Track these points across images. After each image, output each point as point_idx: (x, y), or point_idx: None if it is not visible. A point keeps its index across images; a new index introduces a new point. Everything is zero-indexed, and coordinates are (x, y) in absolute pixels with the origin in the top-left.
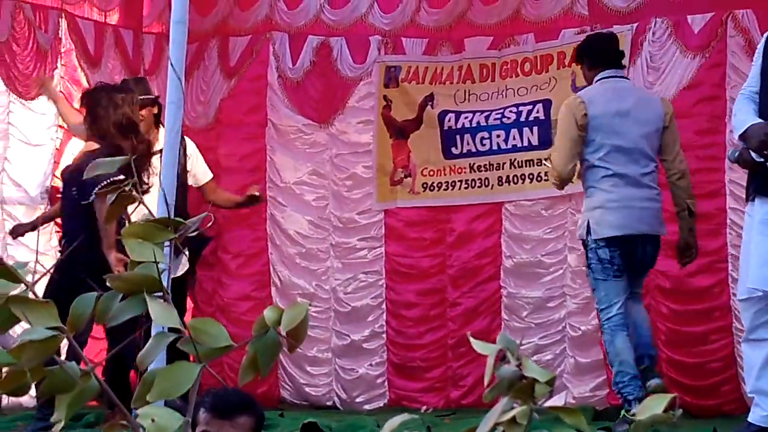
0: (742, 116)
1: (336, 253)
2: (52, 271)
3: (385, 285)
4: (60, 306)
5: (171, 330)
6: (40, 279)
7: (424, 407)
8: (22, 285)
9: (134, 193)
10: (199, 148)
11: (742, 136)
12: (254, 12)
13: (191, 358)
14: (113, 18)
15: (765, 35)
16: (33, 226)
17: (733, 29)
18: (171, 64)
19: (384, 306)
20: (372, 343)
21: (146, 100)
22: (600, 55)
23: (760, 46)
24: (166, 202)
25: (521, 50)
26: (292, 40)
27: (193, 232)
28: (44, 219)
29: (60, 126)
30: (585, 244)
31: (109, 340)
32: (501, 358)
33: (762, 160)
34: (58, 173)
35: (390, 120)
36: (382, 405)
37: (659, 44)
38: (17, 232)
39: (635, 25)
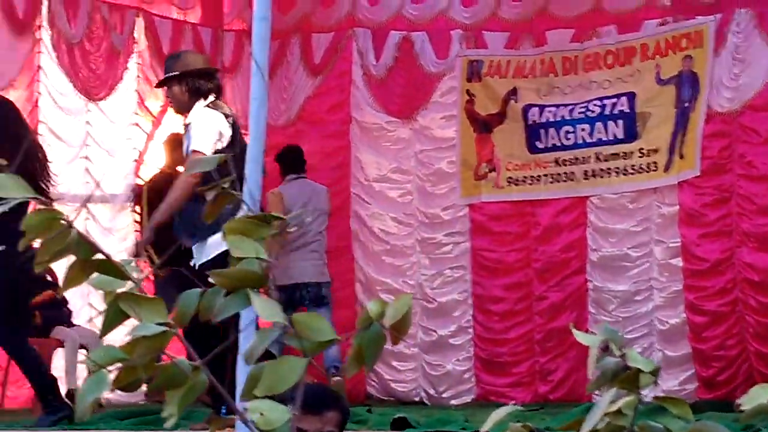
0: None
1: (421, 249)
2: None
3: (471, 280)
4: None
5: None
6: (146, 276)
7: (512, 402)
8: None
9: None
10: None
11: None
12: (336, 8)
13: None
14: (193, 16)
15: None
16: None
17: None
18: (255, 61)
19: (470, 301)
20: (459, 338)
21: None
22: (289, 164)
23: None
24: (252, 198)
25: (604, 43)
26: (374, 36)
27: (292, 228)
28: None
29: (136, 124)
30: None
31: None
32: (603, 349)
33: None
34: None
35: (473, 114)
36: (469, 400)
37: (744, 36)
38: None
39: (719, 16)
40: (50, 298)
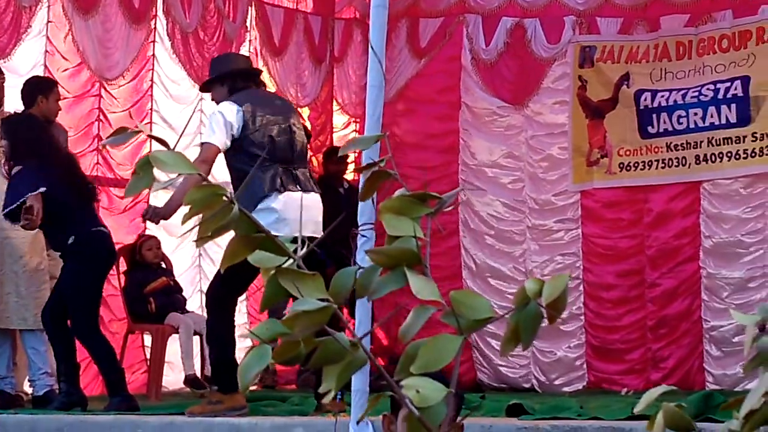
0: None
1: (533, 235)
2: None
3: (582, 266)
4: None
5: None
6: (306, 252)
7: (625, 389)
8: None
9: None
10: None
11: None
12: None
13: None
14: (304, 5)
15: None
16: None
17: None
18: (371, 48)
19: (582, 288)
20: (570, 325)
21: None
22: None
23: None
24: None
25: (719, 27)
26: (485, 22)
27: (448, 207)
28: None
29: None
30: None
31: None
32: (761, 329)
33: None
34: None
35: (585, 100)
36: (581, 387)
37: None
38: None
39: None
40: (164, 285)
